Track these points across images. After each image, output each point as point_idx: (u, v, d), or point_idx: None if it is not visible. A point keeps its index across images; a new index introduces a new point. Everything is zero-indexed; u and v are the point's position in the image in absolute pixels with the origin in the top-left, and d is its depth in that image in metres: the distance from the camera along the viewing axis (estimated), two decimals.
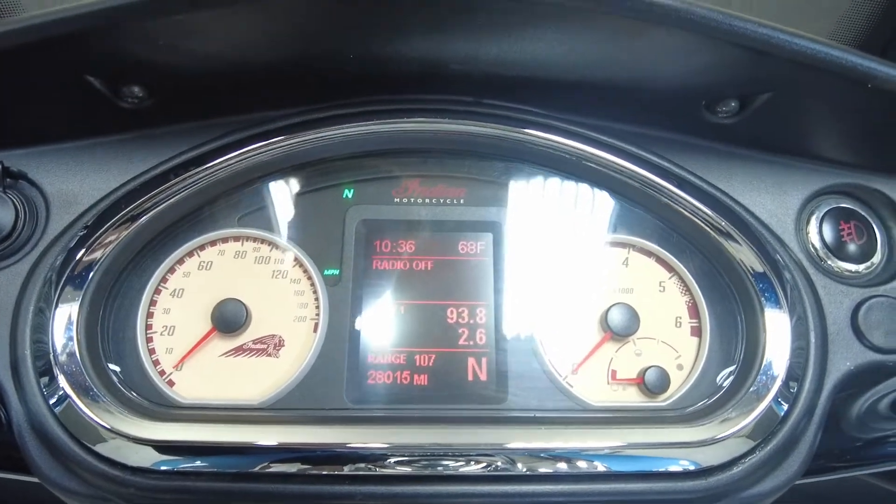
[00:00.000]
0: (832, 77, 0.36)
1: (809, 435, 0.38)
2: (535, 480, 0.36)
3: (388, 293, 0.40)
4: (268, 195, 0.42)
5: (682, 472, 0.36)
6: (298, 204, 0.42)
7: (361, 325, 0.39)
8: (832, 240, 0.42)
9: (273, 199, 0.42)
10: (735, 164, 0.43)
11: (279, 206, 0.42)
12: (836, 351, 0.39)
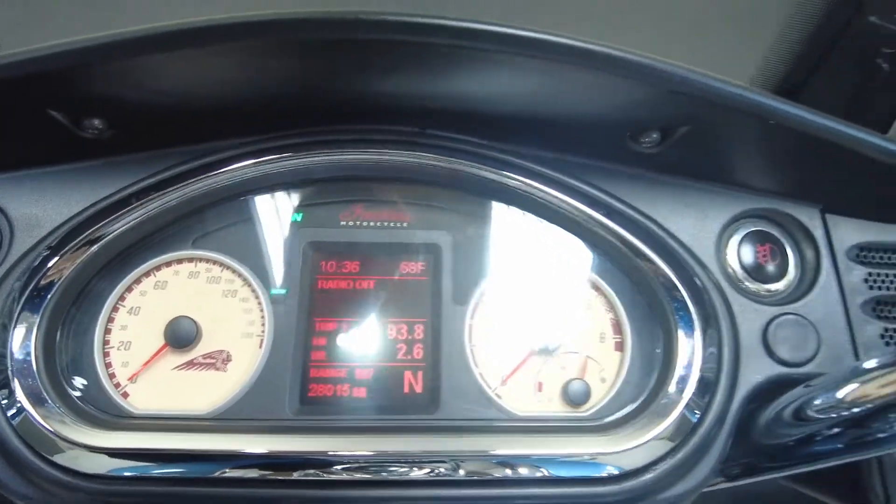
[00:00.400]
0: (737, 114, 0.39)
1: (720, 442, 0.41)
2: (462, 485, 0.38)
3: (332, 311, 0.43)
4: (220, 219, 0.45)
5: (600, 478, 0.39)
6: (249, 227, 0.45)
7: (304, 341, 0.42)
8: (749, 261, 0.45)
9: (225, 223, 0.45)
10: (660, 190, 0.46)
11: (231, 229, 0.45)
12: (748, 364, 0.42)
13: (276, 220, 0.45)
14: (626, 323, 0.44)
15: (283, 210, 0.45)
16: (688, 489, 0.40)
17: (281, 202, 0.45)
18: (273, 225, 0.45)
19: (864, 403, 0.32)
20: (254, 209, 0.45)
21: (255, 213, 0.45)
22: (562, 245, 0.45)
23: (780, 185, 0.46)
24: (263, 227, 0.45)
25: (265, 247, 0.44)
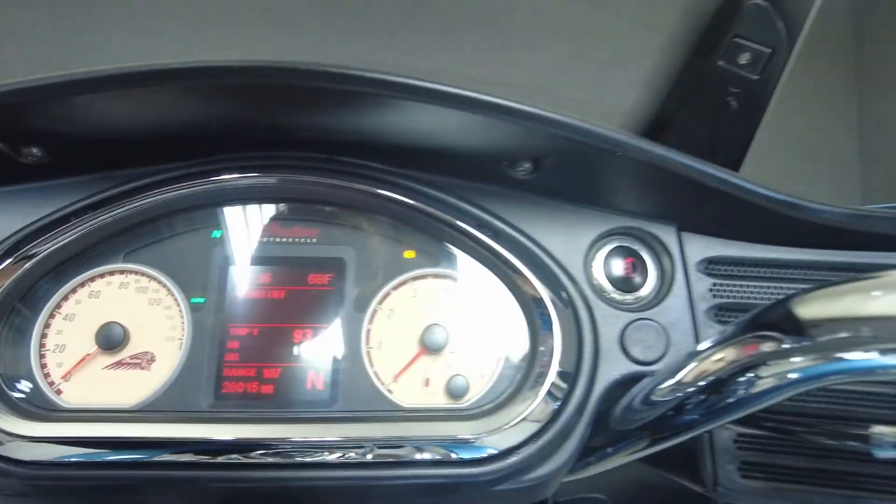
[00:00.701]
0: (591, 147, 0.46)
1: (580, 428, 0.47)
2: (352, 467, 0.44)
3: (245, 318, 0.49)
4: (149, 236, 0.50)
5: (470, 460, 0.45)
6: (174, 243, 0.51)
7: (220, 344, 0.48)
8: (612, 274, 0.52)
9: (153, 239, 0.50)
10: (537, 210, 0.53)
11: (158, 245, 0.50)
12: (607, 363, 0.49)
13: (198, 237, 0.51)
14: (504, 327, 0.50)
15: (204, 227, 0.51)
16: (551, 470, 0.47)
17: (202, 220, 0.51)
18: (194, 241, 0.51)
19: (699, 381, 0.38)
20: (178, 227, 0.51)
21: (179, 231, 0.51)
22: (449, 259, 0.52)
23: (642, 207, 0.52)
24: (186, 243, 0.51)
25: (187, 260, 0.50)
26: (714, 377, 0.36)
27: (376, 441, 0.45)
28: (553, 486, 0.49)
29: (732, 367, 0.35)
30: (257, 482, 0.44)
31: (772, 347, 0.33)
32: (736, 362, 0.35)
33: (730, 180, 0.47)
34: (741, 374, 0.35)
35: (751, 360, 0.34)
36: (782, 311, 0.33)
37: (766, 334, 0.33)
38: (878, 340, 0.30)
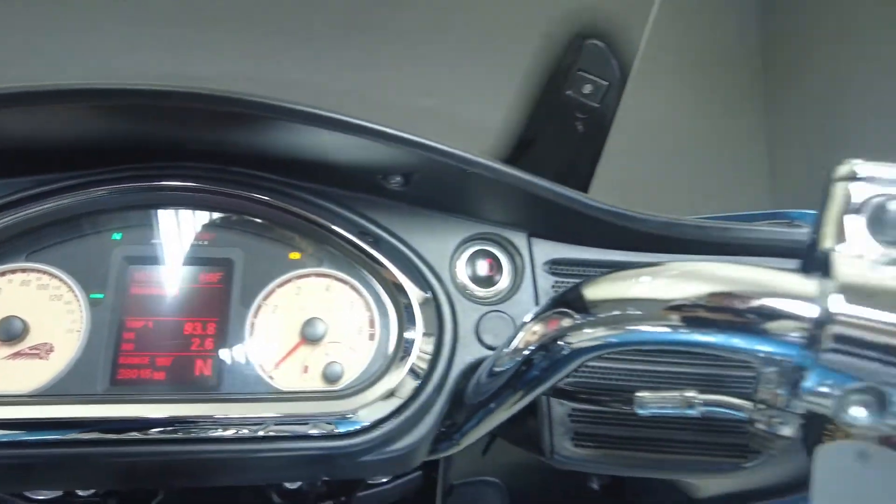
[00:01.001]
0: (446, 166, 0.54)
1: (438, 405, 0.54)
2: (232, 441, 0.50)
3: (141, 312, 0.54)
4: (51, 237, 0.55)
5: (340, 433, 0.51)
6: (76, 244, 0.55)
7: (116, 336, 0.53)
8: (474, 273, 0.60)
9: (55, 240, 0.55)
10: (410, 217, 0.60)
11: (60, 246, 0.55)
12: (464, 348, 0.56)
13: (99, 239, 0.56)
14: (377, 319, 0.57)
15: (105, 230, 0.56)
16: (414, 441, 0.54)
17: (103, 224, 0.56)
18: (96, 242, 0.56)
19: (523, 351, 0.44)
20: (80, 229, 0.56)
21: (81, 233, 0.56)
22: (331, 260, 0.58)
23: (499, 216, 0.61)
24: (88, 244, 0.56)
25: (88, 260, 0.55)
26: (530, 347, 0.44)
27: (255, 418, 0.51)
28: (416, 458, 0.56)
29: (542, 338, 0.43)
30: (151, 456, 0.50)
31: (568, 322, 0.41)
32: (545, 335, 0.43)
33: (568, 195, 0.56)
34: (549, 344, 0.42)
35: (554, 333, 0.42)
36: (576, 292, 0.42)
37: (564, 311, 0.41)
38: (644, 318, 0.38)
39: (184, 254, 0.57)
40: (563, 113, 0.62)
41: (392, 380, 0.54)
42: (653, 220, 0.56)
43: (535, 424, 0.57)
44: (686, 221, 0.56)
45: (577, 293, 0.41)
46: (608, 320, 0.39)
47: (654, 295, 0.37)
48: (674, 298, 0.36)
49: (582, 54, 0.58)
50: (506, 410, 0.52)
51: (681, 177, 2.55)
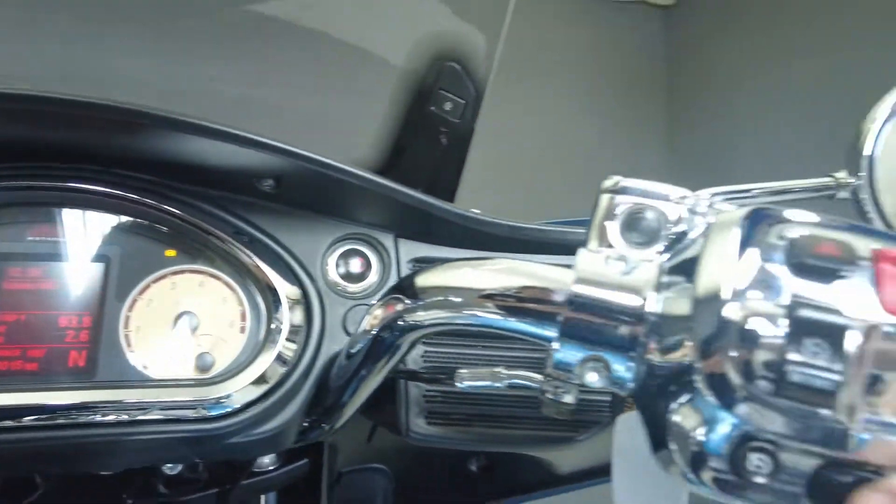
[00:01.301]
0: (313, 171, 0.59)
1: (305, 390, 0.60)
2: (105, 426, 0.54)
3: (15, 307, 0.57)
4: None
5: (209, 417, 0.56)
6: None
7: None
8: (344, 270, 0.66)
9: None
10: (285, 218, 0.65)
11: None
12: (330, 339, 0.62)
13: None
14: (249, 313, 0.62)
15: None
16: (281, 423, 0.59)
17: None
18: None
19: (369, 332, 0.50)
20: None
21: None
22: (207, 257, 0.63)
23: (369, 218, 0.67)
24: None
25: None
26: (374, 329, 0.50)
27: (128, 403, 0.54)
28: (285, 440, 0.61)
29: (382, 321, 0.49)
30: (22, 443, 0.52)
31: (401, 306, 0.47)
32: (384, 317, 0.49)
33: (427, 202, 0.63)
34: (388, 325, 0.49)
35: (392, 315, 0.48)
36: (409, 281, 0.48)
37: (398, 297, 0.48)
38: (460, 304, 0.44)
39: (61, 250, 0.60)
40: (429, 127, 0.69)
41: (260, 366, 0.58)
42: (498, 224, 0.64)
43: (393, 406, 0.64)
44: (526, 225, 0.63)
45: (410, 281, 0.48)
46: (432, 304, 0.46)
47: (467, 284, 0.44)
48: (482, 288, 0.43)
49: (442, 75, 0.65)
50: (364, 390, 0.58)
51: (591, 183, 2.69)
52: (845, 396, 0.27)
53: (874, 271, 0.28)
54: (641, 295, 0.34)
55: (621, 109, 2.81)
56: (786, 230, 0.30)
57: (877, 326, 0.27)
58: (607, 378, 0.35)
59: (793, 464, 0.29)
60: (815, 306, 0.28)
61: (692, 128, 2.69)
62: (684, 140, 2.71)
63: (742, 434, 0.30)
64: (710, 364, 0.30)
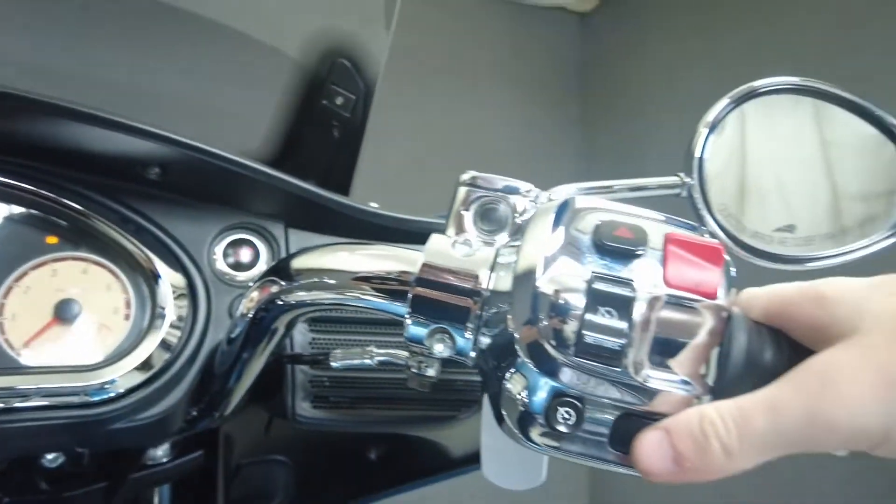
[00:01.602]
0: (200, 160, 0.60)
1: (190, 376, 0.60)
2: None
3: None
4: None
5: (90, 402, 0.56)
6: None
7: None
8: (234, 259, 0.67)
9: None
10: (172, 206, 0.65)
11: None
12: (216, 327, 0.63)
13: None
14: (133, 301, 0.62)
15: None
16: (164, 409, 0.59)
17: None
18: None
19: (248, 314, 0.52)
20: None
21: None
22: (90, 244, 0.62)
23: (258, 208, 0.68)
24: None
25: None
26: (251, 312, 0.52)
27: (5, 390, 0.54)
28: (168, 427, 0.61)
29: (258, 303, 0.51)
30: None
31: (276, 288, 0.49)
32: (260, 300, 0.51)
33: (315, 192, 0.65)
34: (263, 307, 0.51)
35: (267, 297, 0.50)
36: (284, 263, 0.50)
37: (273, 279, 0.50)
38: (332, 286, 0.47)
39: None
40: (322, 120, 0.71)
41: (144, 352, 0.59)
42: (387, 216, 0.67)
43: (280, 392, 0.65)
44: (415, 218, 0.67)
45: (285, 264, 0.50)
46: (304, 286, 0.48)
47: (337, 266, 0.47)
48: (350, 270, 0.46)
49: (333, 70, 0.67)
50: (248, 375, 0.59)
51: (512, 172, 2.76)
52: (632, 356, 0.32)
53: (663, 252, 0.33)
54: (478, 274, 0.38)
55: (538, 112, 2.90)
56: (591, 216, 0.35)
57: (659, 297, 0.32)
58: (452, 348, 0.39)
59: (596, 415, 0.34)
60: (608, 280, 0.32)
61: (607, 130, 2.82)
62: (599, 142, 2.83)
63: (555, 392, 0.34)
64: (525, 332, 0.34)
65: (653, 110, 2.55)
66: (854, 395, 0.26)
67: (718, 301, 0.32)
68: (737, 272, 0.42)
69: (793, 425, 0.27)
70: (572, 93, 2.95)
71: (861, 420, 0.26)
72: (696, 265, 0.32)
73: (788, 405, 0.27)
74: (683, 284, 0.32)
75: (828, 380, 0.27)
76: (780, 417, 0.27)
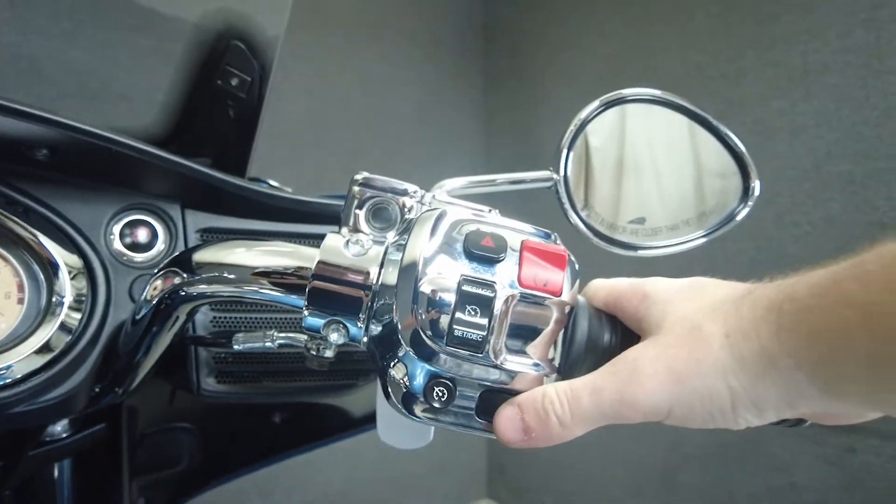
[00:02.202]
0: (89, 142, 0.60)
1: (92, 358, 0.62)
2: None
3: None
4: None
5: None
6: None
7: None
8: (129, 240, 0.68)
9: None
10: (64, 188, 0.65)
11: None
12: (116, 308, 0.64)
13: None
14: (27, 285, 0.62)
15: None
16: (66, 391, 0.60)
17: None
18: None
19: (152, 301, 0.54)
20: None
21: None
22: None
23: (154, 189, 0.69)
24: None
25: None
26: (155, 299, 0.54)
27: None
28: (73, 407, 0.62)
29: (161, 291, 0.53)
30: None
31: (178, 279, 0.52)
32: (163, 289, 0.53)
33: (209, 174, 0.66)
34: (166, 296, 0.53)
35: (170, 287, 0.53)
36: (187, 255, 0.53)
37: (175, 270, 0.52)
38: (232, 280, 0.50)
39: None
40: (217, 100, 0.72)
41: (42, 336, 0.59)
42: (283, 198, 0.69)
43: (184, 368, 0.68)
44: (310, 199, 0.70)
45: (187, 256, 0.53)
46: (206, 279, 0.51)
47: (237, 262, 0.50)
48: (249, 265, 0.49)
49: (228, 52, 0.68)
50: (152, 355, 0.62)
51: (415, 140, 2.79)
52: (493, 344, 0.39)
53: (519, 257, 0.40)
54: (367, 270, 0.43)
55: (440, 70, 2.92)
56: (463, 227, 0.40)
57: (514, 296, 0.39)
58: (346, 337, 0.44)
59: (465, 391, 0.40)
60: (473, 282, 0.39)
61: (508, 91, 2.89)
62: (499, 103, 2.90)
63: (431, 375, 0.40)
64: (407, 323, 0.39)
65: (553, 73, 2.65)
66: (650, 383, 0.34)
67: (563, 297, 0.39)
68: (611, 258, 0.51)
69: (609, 404, 0.35)
70: (475, 53, 2.99)
71: (653, 400, 0.34)
72: (545, 268, 0.39)
73: (606, 388, 0.35)
74: (534, 284, 0.39)
75: (635, 370, 0.35)
76: (600, 398, 0.35)
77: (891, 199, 1.64)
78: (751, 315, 0.32)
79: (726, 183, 0.59)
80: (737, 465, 2.00)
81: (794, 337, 0.29)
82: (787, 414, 0.32)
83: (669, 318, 0.36)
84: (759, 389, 0.31)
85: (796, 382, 0.30)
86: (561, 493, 2.60)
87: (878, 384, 0.27)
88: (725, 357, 0.32)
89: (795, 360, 0.29)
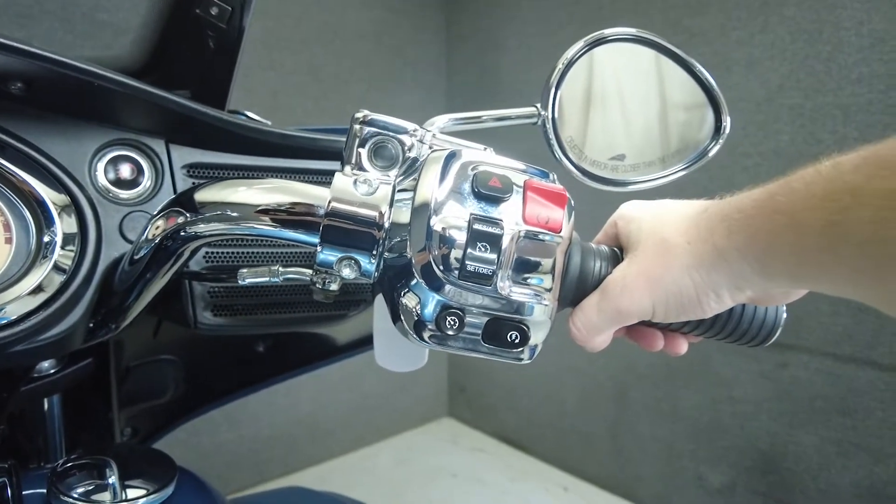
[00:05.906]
0: (66, 75, 0.58)
1: (87, 297, 0.62)
2: None
3: None
4: None
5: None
6: None
7: None
8: (114, 176, 0.67)
9: None
10: (42, 123, 0.63)
11: None
12: (108, 246, 0.64)
13: None
14: (13, 224, 0.61)
15: None
16: (63, 330, 0.61)
17: None
18: None
19: (154, 240, 0.55)
20: None
21: None
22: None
23: (137, 124, 0.67)
24: None
25: None
26: (156, 238, 0.55)
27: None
28: (70, 344, 0.63)
29: (164, 231, 0.54)
30: None
31: (182, 219, 0.53)
32: (165, 229, 0.54)
33: (192, 107, 0.65)
34: (169, 236, 0.54)
35: (172, 227, 0.53)
36: (188, 195, 0.53)
37: (178, 210, 0.53)
38: (239, 218, 0.51)
39: None
40: (196, 30, 0.69)
41: (36, 277, 0.60)
42: (270, 132, 0.69)
43: (181, 303, 0.70)
44: (296, 134, 0.70)
45: (189, 196, 0.53)
46: (211, 218, 0.52)
47: (243, 200, 0.51)
48: (256, 203, 0.50)
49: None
50: (148, 293, 0.63)
51: (376, 73, 2.72)
52: (500, 277, 0.42)
53: (523, 196, 0.43)
54: (379, 209, 0.45)
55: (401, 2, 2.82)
56: (471, 167, 0.43)
57: (519, 232, 0.42)
58: (358, 272, 0.47)
59: (473, 320, 0.44)
60: (483, 220, 0.42)
61: (471, 16, 2.82)
62: (462, 32, 2.84)
63: (442, 305, 0.43)
64: (420, 257, 0.42)
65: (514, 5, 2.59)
66: (635, 294, 0.44)
67: (562, 233, 0.43)
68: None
69: (609, 314, 0.45)
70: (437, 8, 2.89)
71: (640, 305, 0.44)
72: (547, 207, 0.42)
73: (606, 304, 0.46)
74: (537, 222, 0.42)
75: (623, 286, 0.45)
76: (603, 312, 0.46)
77: (835, 132, 1.73)
78: (707, 225, 0.41)
79: (700, 120, 0.62)
80: (683, 383, 2.16)
81: (741, 237, 0.38)
82: (737, 297, 0.41)
83: (644, 235, 0.45)
84: (714, 278, 0.40)
85: (741, 270, 0.39)
86: (519, 411, 2.75)
87: (799, 267, 0.35)
88: (687, 258, 0.41)
89: (742, 253, 0.38)
